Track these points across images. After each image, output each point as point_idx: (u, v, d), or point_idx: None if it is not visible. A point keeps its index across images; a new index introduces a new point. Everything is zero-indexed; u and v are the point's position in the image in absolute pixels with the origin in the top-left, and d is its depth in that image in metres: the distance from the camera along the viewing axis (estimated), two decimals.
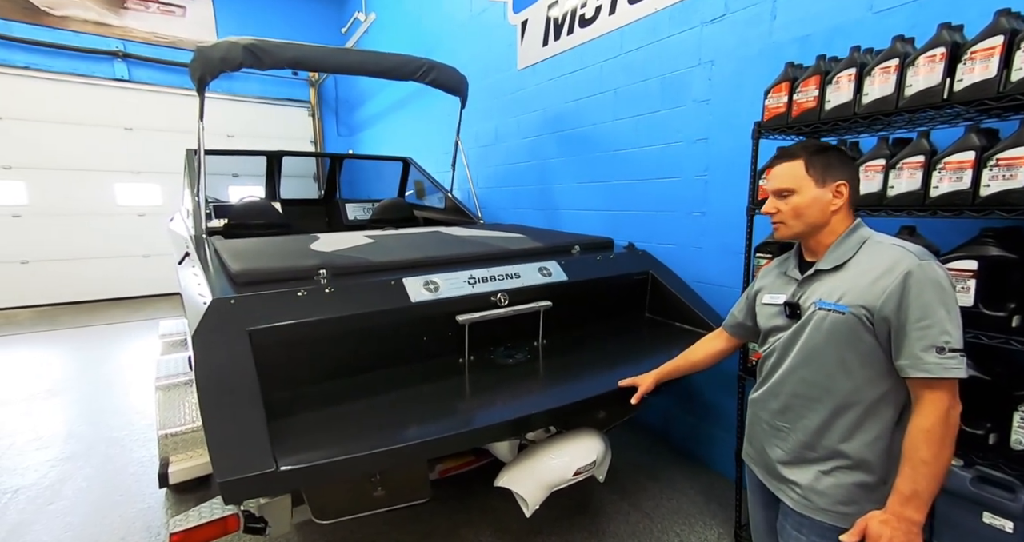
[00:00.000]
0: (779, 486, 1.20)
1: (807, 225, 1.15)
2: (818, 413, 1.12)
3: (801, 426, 1.15)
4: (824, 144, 1.17)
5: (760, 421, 1.26)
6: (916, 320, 0.97)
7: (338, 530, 2.11)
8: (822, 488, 1.11)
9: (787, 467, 1.18)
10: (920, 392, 1.00)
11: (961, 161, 1.29)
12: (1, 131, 6.07)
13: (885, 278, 1.01)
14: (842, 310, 1.05)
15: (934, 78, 1.31)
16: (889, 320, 1.01)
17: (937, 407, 0.97)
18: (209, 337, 1.35)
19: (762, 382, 1.26)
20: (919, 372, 0.97)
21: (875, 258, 1.06)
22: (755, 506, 1.36)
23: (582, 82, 3.22)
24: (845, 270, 1.10)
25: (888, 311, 1.00)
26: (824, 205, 1.12)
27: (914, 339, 0.98)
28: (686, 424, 2.74)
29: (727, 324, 1.50)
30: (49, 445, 2.89)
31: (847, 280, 1.08)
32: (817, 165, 1.12)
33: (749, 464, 1.34)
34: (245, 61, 2.67)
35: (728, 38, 2.34)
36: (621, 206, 3.04)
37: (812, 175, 1.13)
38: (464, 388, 1.62)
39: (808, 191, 1.13)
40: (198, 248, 2.20)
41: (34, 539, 2.09)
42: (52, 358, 4.53)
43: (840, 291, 1.07)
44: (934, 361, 0.96)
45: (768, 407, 1.23)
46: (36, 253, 6.44)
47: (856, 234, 1.13)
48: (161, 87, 6.88)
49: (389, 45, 6.00)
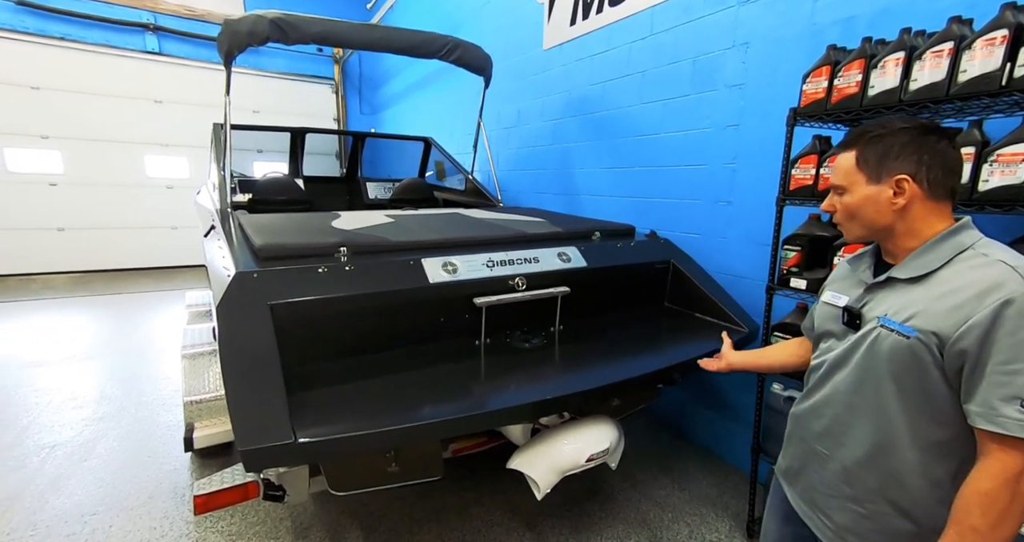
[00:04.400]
0: (809, 513, 1.08)
1: (866, 228, 0.97)
2: (862, 446, 0.96)
3: (840, 455, 1.00)
4: (891, 126, 0.93)
5: (799, 439, 1.12)
6: (1002, 362, 0.78)
7: (352, 502, 2.18)
8: (860, 530, 0.97)
9: (821, 496, 1.04)
10: (988, 446, 0.82)
11: (1015, 153, 1.22)
12: (39, 101, 6.25)
13: (973, 303, 0.81)
14: (908, 333, 0.87)
15: (992, 63, 1.23)
16: (966, 354, 0.81)
17: (1006, 469, 0.79)
18: (232, 309, 1.38)
19: (806, 395, 1.11)
20: (991, 426, 0.79)
21: (968, 275, 0.84)
22: (773, 517, 1.24)
23: (609, 64, 3.13)
24: (925, 284, 0.89)
25: (967, 344, 0.81)
26: (882, 205, 0.93)
27: (994, 384, 0.79)
28: (702, 417, 2.72)
29: (803, 325, 1.27)
30: (83, 405, 3.03)
31: (924, 297, 0.88)
32: (871, 156, 0.93)
33: (780, 478, 1.20)
34: (272, 35, 2.67)
35: (765, 19, 2.23)
36: (644, 193, 2.97)
37: (863, 169, 0.94)
38: (480, 370, 1.63)
39: (858, 189, 0.95)
40: (223, 222, 2.24)
41: (71, 493, 2.21)
42: (86, 323, 4.72)
43: (912, 309, 0.88)
44: (1016, 417, 0.77)
45: (809, 427, 1.09)
46: (71, 221, 6.67)
47: (952, 240, 0.89)
48: (190, 61, 6.95)
49: (414, 22, 5.92)
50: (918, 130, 0.91)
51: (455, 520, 2.08)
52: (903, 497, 0.92)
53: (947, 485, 0.88)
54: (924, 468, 0.90)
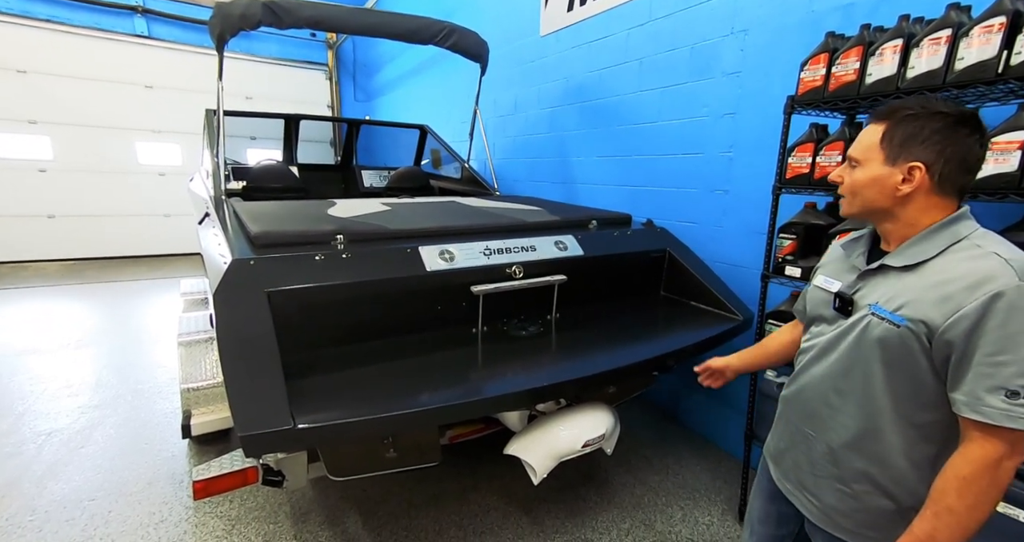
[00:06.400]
0: (795, 492, 1.10)
1: (863, 207, 0.96)
2: (848, 429, 0.98)
3: (827, 438, 1.02)
4: (931, 107, 0.88)
5: (786, 420, 1.14)
6: (989, 353, 0.79)
7: (351, 487, 2.20)
8: (845, 509, 0.99)
9: (808, 476, 1.06)
10: (970, 432, 0.83)
11: (1010, 141, 1.23)
12: (26, 85, 6.13)
13: (963, 295, 0.81)
14: (897, 322, 0.87)
15: (989, 50, 1.23)
16: (952, 345, 0.82)
17: (986, 455, 0.81)
18: (229, 296, 1.38)
19: (794, 378, 1.12)
20: (976, 415, 0.80)
21: (961, 266, 0.84)
22: (759, 495, 1.28)
23: (607, 51, 3.10)
24: (917, 273, 0.89)
25: (954, 335, 0.81)
26: (887, 188, 0.91)
27: (980, 375, 0.80)
28: (696, 403, 2.76)
29: (795, 307, 1.26)
30: (79, 393, 3.03)
31: (915, 287, 0.88)
32: (897, 136, 0.89)
33: (767, 458, 1.22)
34: (264, 19, 2.62)
35: (765, 5, 2.21)
36: (641, 181, 2.97)
37: (884, 148, 0.91)
38: (477, 358, 1.64)
39: (872, 166, 0.92)
40: (218, 209, 2.22)
41: (69, 479, 2.22)
42: (79, 311, 4.70)
43: (902, 298, 0.88)
44: (1000, 407, 0.78)
45: (796, 409, 1.10)
46: (62, 208, 6.59)
47: (948, 230, 0.88)
48: (180, 45, 6.82)
49: (409, 7, 5.81)
50: (954, 118, 0.86)
51: (453, 505, 2.11)
52: (886, 477, 0.94)
53: (927, 467, 0.91)
54: (907, 450, 0.92)
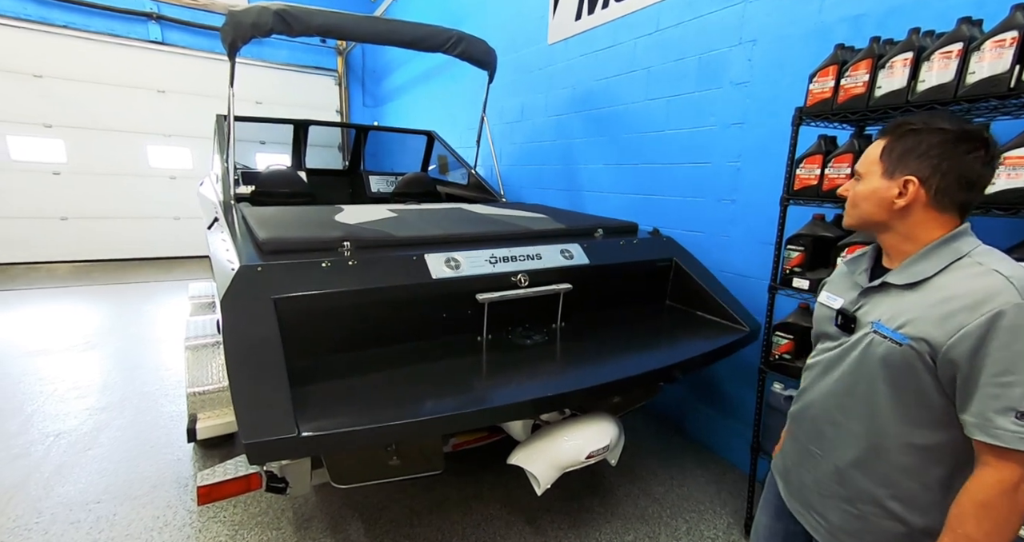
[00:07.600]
0: (803, 511, 1.09)
1: (860, 219, 0.97)
2: (854, 448, 0.96)
3: (833, 457, 1.01)
4: (932, 123, 0.88)
5: (793, 438, 1.13)
6: (996, 373, 0.77)
7: (354, 494, 2.20)
8: (852, 530, 0.98)
9: (815, 496, 1.05)
10: (984, 457, 0.81)
11: (1021, 156, 1.21)
12: (42, 89, 6.23)
13: (966, 313, 0.80)
14: (900, 341, 0.86)
15: (1001, 65, 1.22)
16: (957, 364, 0.81)
17: (1003, 479, 0.79)
18: (237, 302, 1.39)
19: (800, 395, 1.12)
20: (988, 437, 0.79)
21: (963, 284, 0.83)
22: (766, 511, 1.26)
23: (614, 59, 3.11)
24: (920, 291, 0.88)
25: (957, 354, 0.80)
26: (884, 201, 0.91)
27: (988, 396, 0.79)
28: (702, 414, 2.73)
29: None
30: (87, 395, 3.05)
31: (918, 305, 0.87)
32: (896, 150, 0.91)
33: (775, 475, 1.21)
34: (275, 27, 2.65)
35: (773, 16, 2.22)
36: (648, 190, 2.96)
37: (884, 161, 0.93)
38: (481, 366, 1.64)
39: (871, 180, 0.94)
40: (226, 214, 2.24)
41: (75, 481, 2.23)
42: (89, 312, 4.74)
43: (905, 317, 0.87)
44: (1012, 429, 0.77)
45: (803, 427, 1.09)
46: (74, 210, 6.67)
47: (950, 247, 0.88)
48: (193, 51, 6.91)
49: (418, 15, 5.88)
50: (955, 134, 0.86)
51: (455, 513, 2.10)
52: (894, 499, 0.92)
53: (939, 489, 0.88)
54: (916, 472, 0.90)
